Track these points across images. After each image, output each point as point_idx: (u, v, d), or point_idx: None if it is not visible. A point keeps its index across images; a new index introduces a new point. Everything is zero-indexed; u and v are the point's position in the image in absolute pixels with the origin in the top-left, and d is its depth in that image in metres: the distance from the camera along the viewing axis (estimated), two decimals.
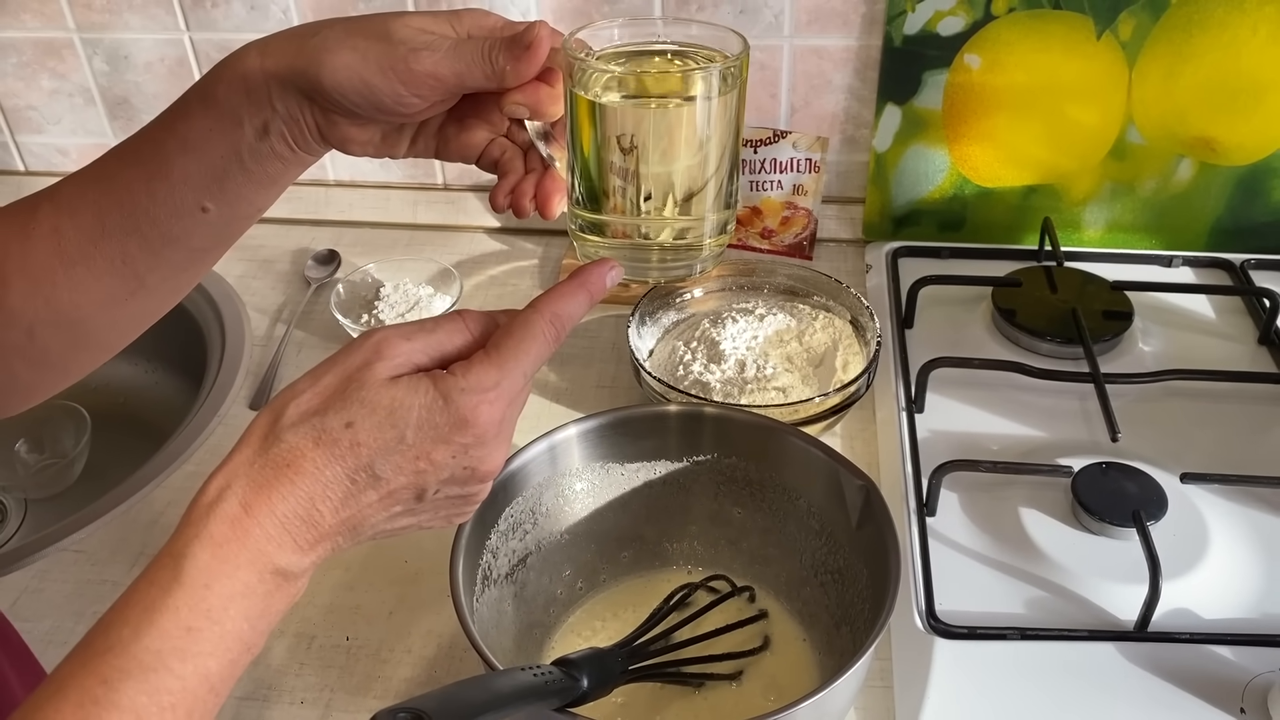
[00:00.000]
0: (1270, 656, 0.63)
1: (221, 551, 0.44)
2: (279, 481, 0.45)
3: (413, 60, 0.51)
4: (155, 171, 0.55)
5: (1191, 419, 0.81)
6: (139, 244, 0.56)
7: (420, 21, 0.53)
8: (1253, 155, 0.94)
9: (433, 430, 0.47)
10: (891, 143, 0.98)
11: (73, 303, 0.57)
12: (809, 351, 0.84)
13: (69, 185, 0.57)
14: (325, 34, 0.53)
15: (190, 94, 0.55)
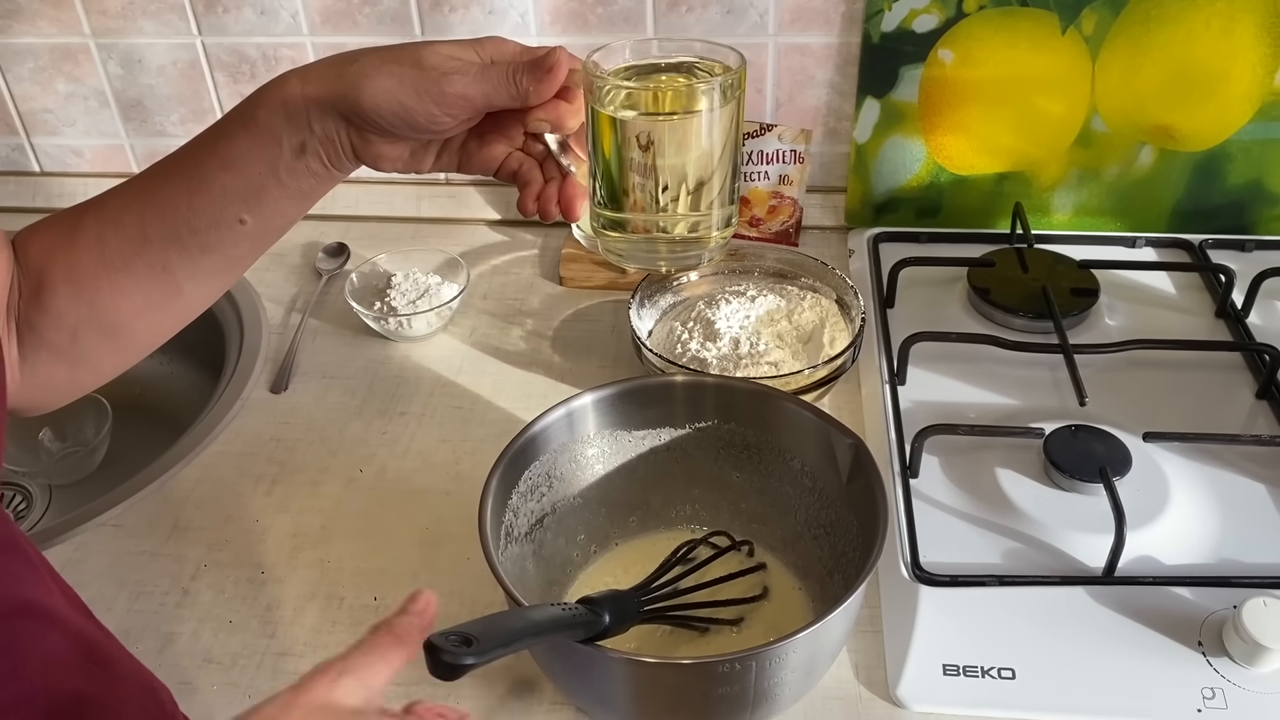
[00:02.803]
0: (1225, 596, 0.68)
1: None
2: None
3: (445, 84, 0.57)
4: (197, 186, 0.60)
5: (1153, 385, 0.87)
6: (179, 252, 0.61)
7: (448, 49, 0.59)
8: (1208, 141, 1.00)
9: None
10: (871, 134, 1.04)
11: (114, 306, 0.62)
12: (798, 329, 0.89)
13: (113, 197, 0.62)
14: (363, 62, 0.58)
15: (231, 115, 0.61)
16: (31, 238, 0.64)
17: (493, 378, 0.94)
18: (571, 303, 1.03)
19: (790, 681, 0.58)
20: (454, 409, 0.91)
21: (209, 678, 0.70)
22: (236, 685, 0.69)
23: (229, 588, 0.76)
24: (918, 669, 0.67)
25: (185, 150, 0.62)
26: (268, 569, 0.77)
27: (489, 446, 0.87)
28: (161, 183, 0.61)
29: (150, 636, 0.72)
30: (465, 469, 0.85)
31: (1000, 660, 0.67)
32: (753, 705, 0.58)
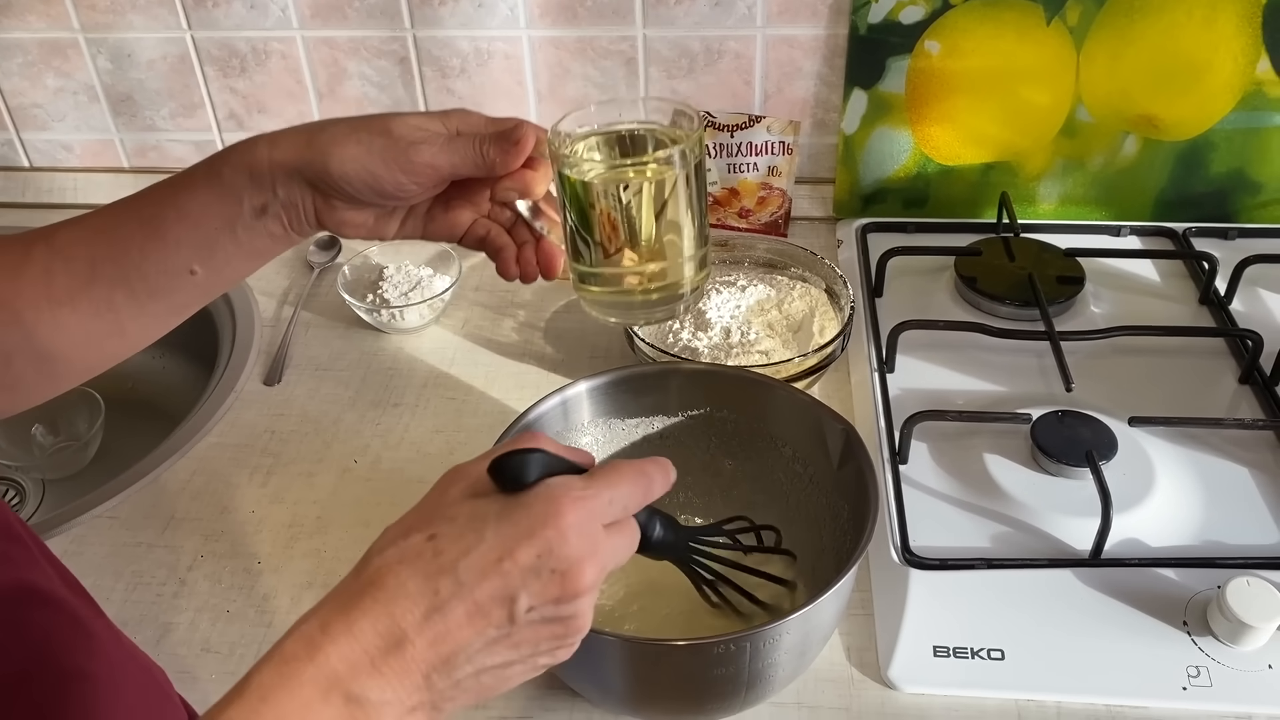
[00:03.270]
0: (1209, 576, 0.70)
1: (287, 668, 0.42)
2: (361, 598, 0.44)
3: (413, 153, 0.58)
4: (152, 231, 0.60)
5: (1138, 371, 0.88)
6: (125, 294, 0.61)
7: (415, 120, 0.60)
8: (1191, 131, 1.01)
9: (512, 526, 0.45)
10: (859, 125, 1.05)
11: (52, 338, 0.61)
12: (788, 318, 0.90)
13: (66, 230, 0.61)
14: (332, 131, 0.59)
15: (197, 169, 0.61)
16: None
17: (485, 369, 0.95)
18: (563, 294, 1.03)
19: (784, 663, 0.59)
20: (447, 400, 0.92)
21: (208, 667, 0.70)
22: (235, 674, 0.68)
23: (226, 578, 0.77)
24: (908, 651, 0.68)
25: (145, 195, 0.61)
26: (264, 559, 0.78)
27: (483, 437, 0.88)
28: (116, 224, 0.61)
29: (148, 626, 0.73)
30: (460, 458, 0.84)
31: (989, 641, 0.68)
32: (747, 686, 0.59)
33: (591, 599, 0.47)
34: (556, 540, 0.45)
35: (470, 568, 0.44)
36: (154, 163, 1.19)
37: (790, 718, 0.66)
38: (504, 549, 0.44)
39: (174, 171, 0.62)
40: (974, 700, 0.67)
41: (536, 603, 0.45)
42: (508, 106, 1.09)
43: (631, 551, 0.50)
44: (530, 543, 0.45)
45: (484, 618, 0.44)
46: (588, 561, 0.46)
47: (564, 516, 0.45)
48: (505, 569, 0.44)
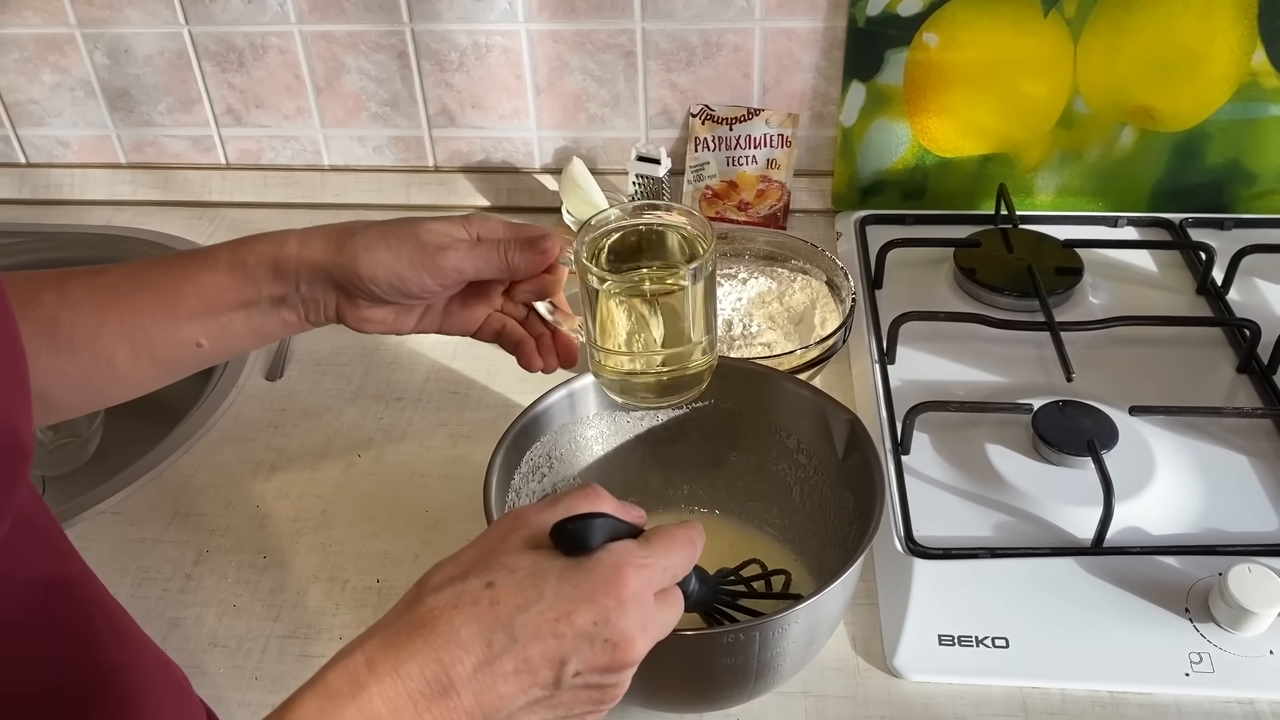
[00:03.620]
0: (1210, 564, 0.70)
1: (330, 703, 0.41)
2: (411, 639, 0.43)
3: (440, 258, 0.61)
4: (165, 302, 0.61)
5: (1137, 361, 0.89)
6: (128, 354, 0.61)
7: (441, 226, 0.62)
8: (1188, 122, 1.02)
9: (573, 589, 0.44)
10: (857, 118, 1.05)
11: (45, 383, 0.61)
12: (789, 311, 0.91)
13: (79, 281, 0.61)
14: (364, 235, 0.61)
15: (221, 249, 0.62)
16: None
17: (487, 363, 0.95)
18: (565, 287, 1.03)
19: (792, 652, 0.60)
20: (449, 394, 0.92)
21: (216, 661, 0.71)
22: (243, 668, 0.70)
23: (231, 572, 0.77)
24: (913, 640, 0.69)
25: (165, 264, 0.62)
26: (270, 553, 0.78)
27: (486, 430, 0.88)
28: (132, 287, 0.61)
29: (155, 621, 0.73)
30: (463, 452, 0.86)
31: (994, 630, 0.69)
32: (755, 676, 0.59)
33: (634, 669, 0.47)
34: (615, 610, 0.45)
35: (526, 625, 0.44)
36: (151, 158, 1.18)
37: (797, 707, 0.67)
38: (562, 610, 0.44)
39: (170, 168, 0.62)
40: (979, 688, 0.67)
41: (584, 669, 0.44)
42: (506, 100, 1.10)
43: (676, 621, 0.50)
44: (589, 608, 0.44)
45: (531, 676, 0.44)
46: (640, 635, 0.46)
47: (625, 586, 0.45)
48: (560, 631, 0.44)
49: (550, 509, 0.48)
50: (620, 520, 0.49)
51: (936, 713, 0.66)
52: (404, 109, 1.11)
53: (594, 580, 0.45)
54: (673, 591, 0.50)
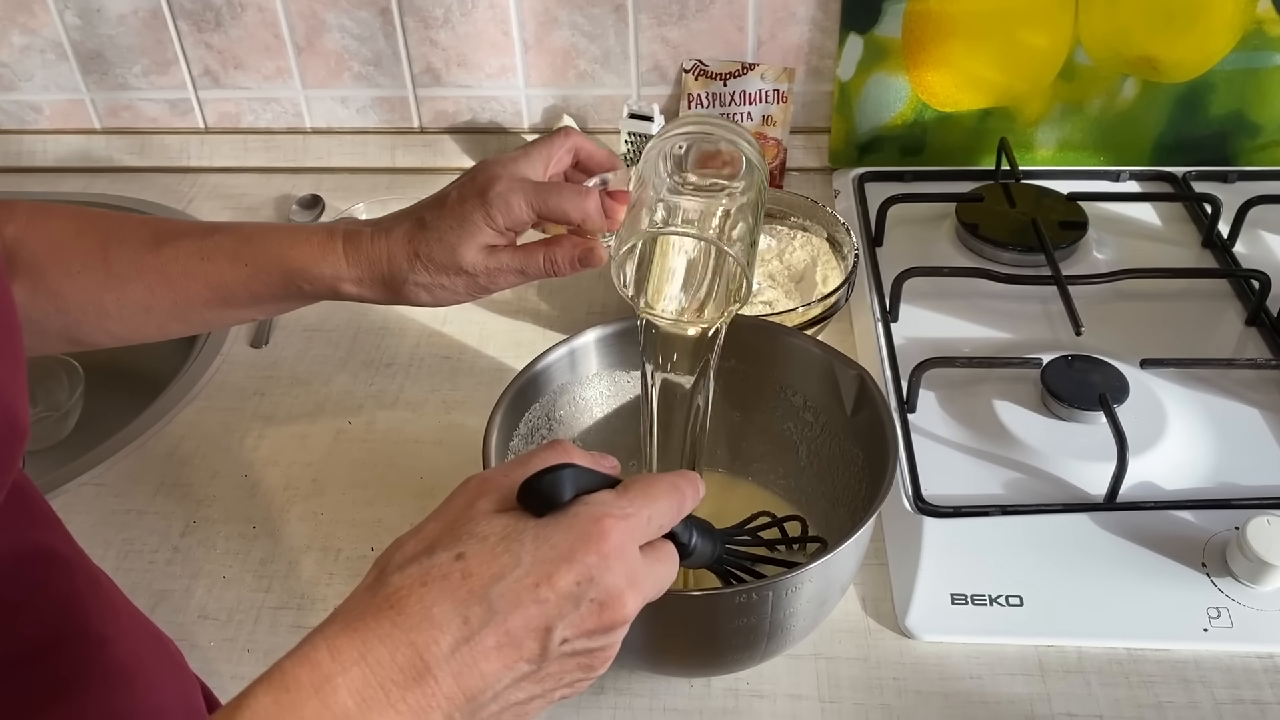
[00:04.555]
0: (1225, 518, 0.69)
1: (288, 697, 0.37)
2: (378, 621, 0.38)
3: (491, 285, 0.63)
4: (219, 301, 0.64)
5: (1145, 315, 0.87)
6: (173, 322, 0.65)
7: (485, 256, 0.62)
8: (1191, 72, 1.00)
9: (551, 549, 0.40)
10: (854, 72, 1.02)
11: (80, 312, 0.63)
12: (789, 269, 0.88)
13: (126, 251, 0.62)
14: (417, 279, 0.62)
15: (274, 271, 0.62)
16: (42, 232, 0.63)
17: (480, 327, 0.93)
18: None
19: (804, 612, 0.58)
20: (441, 359, 0.90)
21: (206, 634, 0.68)
22: (234, 641, 0.68)
23: (220, 543, 0.74)
24: (925, 599, 0.67)
25: (227, 260, 0.62)
26: (259, 523, 0.76)
27: (479, 395, 0.85)
28: (187, 283, 0.63)
29: (142, 594, 0.71)
30: (456, 418, 0.84)
31: (1007, 588, 0.67)
32: (768, 637, 0.58)
33: (625, 630, 0.42)
34: (598, 566, 0.40)
35: (504, 594, 0.39)
36: (127, 123, 1.15)
37: (807, 670, 0.65)
38: (542, 574, 0.40)
39: (147, 132, 0.61)
40: (994, 647, 0.66)
41: (571, 635, 0.40)
42: (493, 58, 1.06)
43: (673, 579, 0.46)
44: (570, 568, 0.40)
45: (515, 650, 0.39)
46: (629, 591, 0.41)
47: (606, 539, 0.41)
48: (542, 596, 0.39)
49: (517, 468, 0.44)
50: (592, 471, 0.44)
51: (950, 673, 0.64)
52: (387, 68, 1.08)
53: (573, 537, 0.41)
54: (663, 545, 0.46)
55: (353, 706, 0.37)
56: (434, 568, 0.40)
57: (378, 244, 0.62)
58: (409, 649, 0.38)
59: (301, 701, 0.36)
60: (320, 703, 0.36)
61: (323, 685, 0.37)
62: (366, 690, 0.37)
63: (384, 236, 0.62)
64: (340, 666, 0.37)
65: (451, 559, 0.40)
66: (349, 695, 0.37)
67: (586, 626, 0.40)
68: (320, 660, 0.37)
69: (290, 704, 0.36)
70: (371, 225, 0.63)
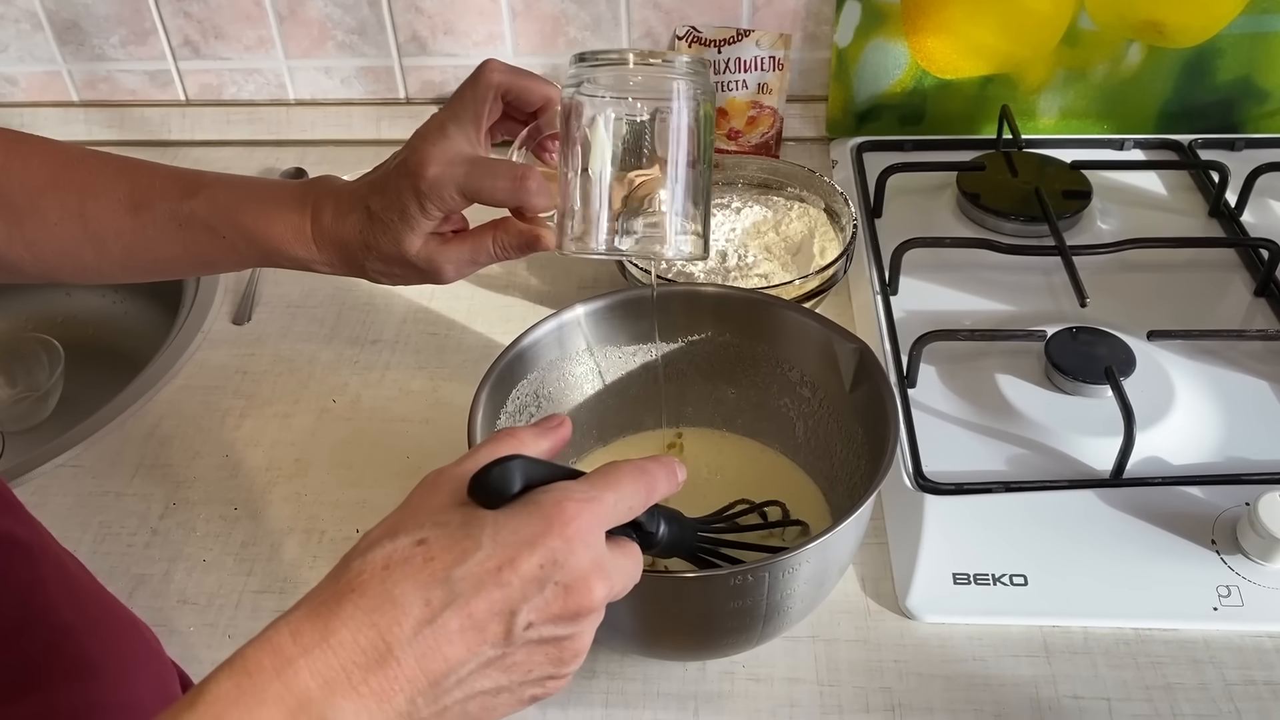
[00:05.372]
0: (1235, 493, 0.67)
1: (249, 681, 0.36)
2: (340, 604, 0.38)
3: (443, 276, 0.62)
4: (199, 265, 0.65)
5: (1151, 286, 0.85)
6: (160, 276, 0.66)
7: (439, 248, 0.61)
8: (1198, 37, 0.97)
9: (512, 533, 0.40)
10: (852, 38, 0.99)
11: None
12: (786, 241, 0.86)
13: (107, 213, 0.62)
14: (370, 268, 0.62)
15: (251, 246, 0.62)
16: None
17: (467, 302, 0.90)
18: None
19: (801, 594, 0.56)
20: (429, 335, 0.87)
21: (185, 619, 0.66)
22: (215, 626, 0.66)
23: (200, 525, 0.72)
24: (927, 579, 0.65)
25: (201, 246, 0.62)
26: (241, 505, 0.74)
27: (468, 372, 0.83)
28: (165, 249, 0.62)
29: (119, 578, 0.69)
30: (444, 395, 0.81)
31: (1011, 567, 0.65)
32: (764, 619, 0.56)
33: (595, 620, 0.42)
34: (562, 549, 0.40)
35: (466, 576, 0.39)
36: (105, 95, 1.12)
37: (805, 652, 0.63)
38: (504, 557, 0.39)
39: (126, 105, 0.60)
40: (997, 628, 0.64)
41: (536, 619, 0.40)
42: (480, 25, 1.03)
43: (638, 571, 0.45)
44: (532, 550, 0.39)
45: (479, 633, 0.39)
46: (595, 577, 0.41)
47: (569, 522, 0.40)
48: (505, 579, 0.39)
49: (470, 459, 0.44)
50: (542, 462, 0.44)
51: (953, 655, 0.63)
52: (372, 37, 1.05)
53: (535, 521, 0.40)
54: (625, 541, 0.45)
55: (315, 688, 0.36)
56: (395, 552, 0.39)
57: (338, 230, 0.60)
58: (371, 630, 0.37)
59: (263, 685, 0.36)
60: (282, 685, 0.36)
61: (284, 668, 0.36)
62: (329, 672, 0.37)
63: (341, 222, 0.60)
64: (302, 649, 0.37)
65: (413, 544, 0.39)
66: (311, 677, 0.36)
67: (552, 611, 0.40)
68: (282, 644, 0.37)
69: (251, 687, 0.36)
70: (335, 201, 0.61)
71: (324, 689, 0.36)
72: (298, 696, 0.36)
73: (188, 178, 0.63)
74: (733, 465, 0.71)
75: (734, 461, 0.72)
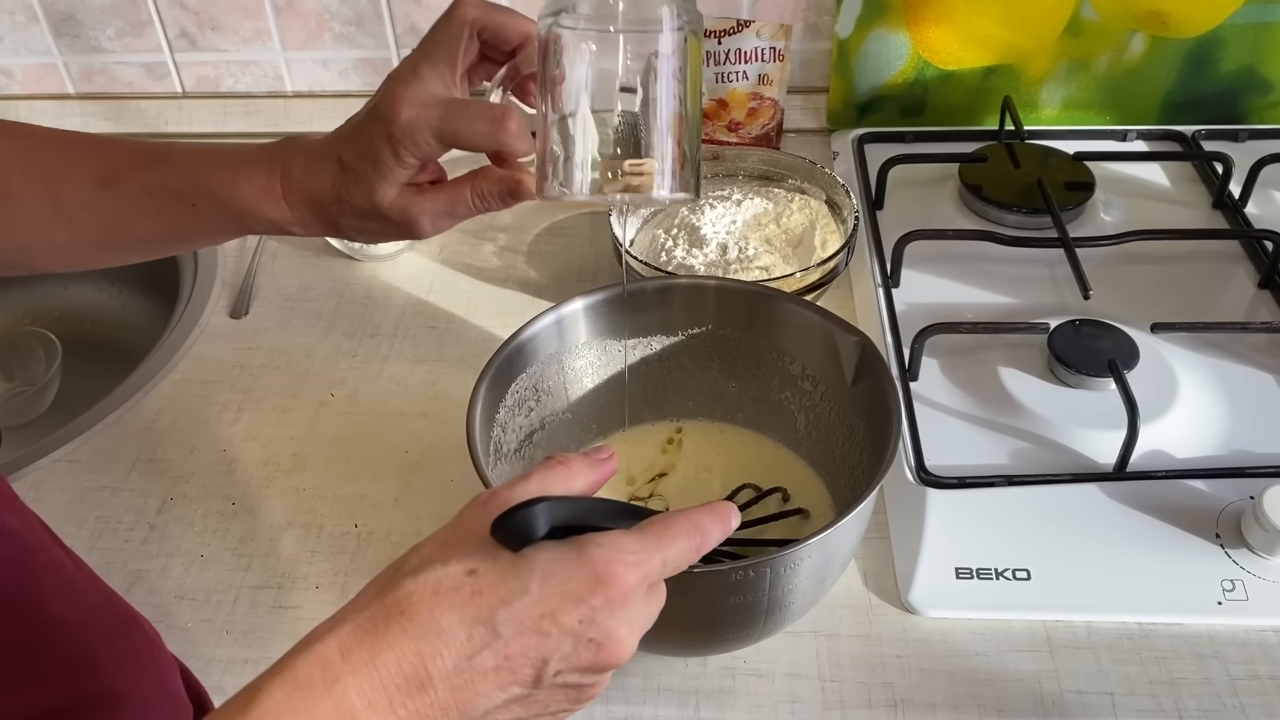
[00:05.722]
0: (1240, 487, 0.66)
1: (300, 694, 0.38)
2: (389, 627, 0.39)
3: (419, 230, 0.59)
4: (174, 238, 0.63)
5: (1154, 278, 0.84)
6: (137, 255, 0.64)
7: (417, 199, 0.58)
8: (1202, 27, 0.96)
9: (560, 584, 0.41)
10: (854, 28, 0.99)
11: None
12: (787, 233, 0.85)
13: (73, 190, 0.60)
14: (343, 224, 0.59)
15: (222, 211, 0.60)
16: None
17: (466, 295, 0.90)
18: (545, 216, 0.98)
19: (803, 589, 0.55)
20: (427, 328, 0.87)
21: (183, 614, 0.66)
22: (213, 621, 0.65)
23: (198, 521, 0.72)
24: (929, 574, 0.65)
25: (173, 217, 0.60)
26: (239, 500, 0.73)
27: (467, 365, 0.83)
28: (138, 223, 0.61)
29: (116, 574, 0.68)
30: (443, 389, 0.81)
31: (1014, 562, 0.65)
32: (765, 614, 0.55)
33: (615, 671, 0.43)
34: (603, 609, 0.41)
35: (509, 619, 0.40)
36: (101, 88, 1.11)
37: (807, 648, 0.63)
38: (547, 607, 0.40)
39: (123, 97, 0.58)
40: (1000, 622, 0.63)
41: (565, 668, 0.41)
42: None
43: (658, 611, 0.45)
44: (576, 606, 0.40)
45: (511, 674, 0.40)
46: (628, 637, 0.42)
47: (615, 584, 0.41)
48: (545, 629, 0.40)
49: (520, 485, 0.44)
50: (572, 500, 0.44)
51: (955, 649, 0.62)
52: (370, 28, 1.04)
53: (583, 577, 0.41)
54: (659, 585, 0.45)
55: (360, 707, 0.38)
56: (446, 578, 0.40)
57: (310, 185, 0.58)
58: (415, 658, 0.39)
59: (314, 699, 0.38)
60: (331, 702, 0.38)
61: (333, 685, 0.38)
62: (373, 693, 0.38)
63: (313, 177, 0.58)
64: (350, 668, 0.38)
65: (463, 573, 0.40)
66: (357, 696, 0.38)
67: (581, 662, 0.41)
68: (331, 660, 0.39)
69: (303, 700, 0.38)
70: (305, 156, 0.58)
71: (367, 708, 0.38)
72: (344, 713, 0.38)
73: (156, 148, 0.61)
74: (734, 458, 0.71)
75: (735, 455, 0.71)
